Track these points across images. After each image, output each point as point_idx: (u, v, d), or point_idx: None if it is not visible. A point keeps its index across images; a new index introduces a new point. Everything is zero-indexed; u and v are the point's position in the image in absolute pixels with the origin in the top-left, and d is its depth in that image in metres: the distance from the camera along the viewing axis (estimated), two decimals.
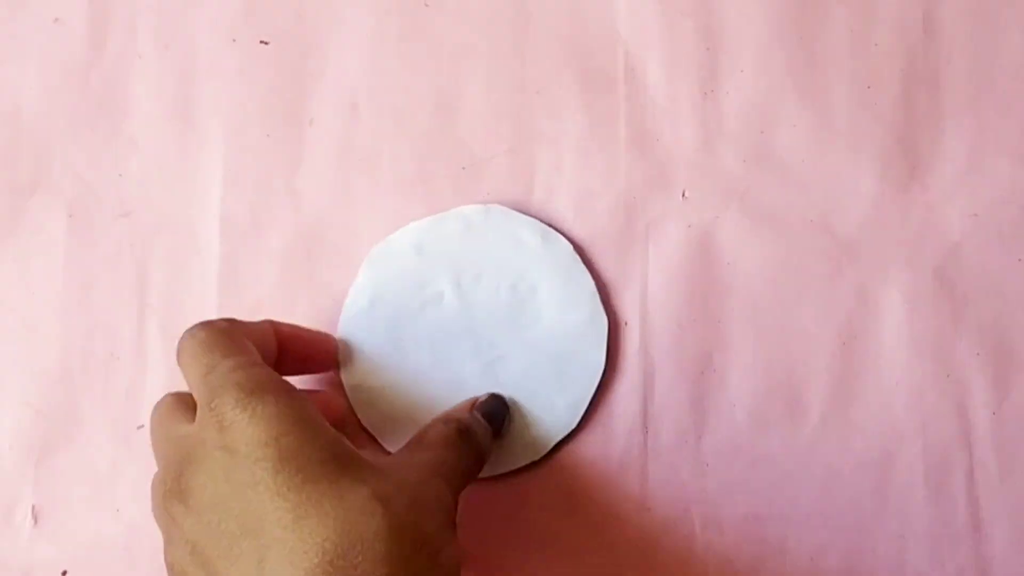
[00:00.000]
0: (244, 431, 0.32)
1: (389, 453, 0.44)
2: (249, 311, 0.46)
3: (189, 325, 0.45)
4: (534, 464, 0.45)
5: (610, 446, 0.46)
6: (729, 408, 0.46)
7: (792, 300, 0.46)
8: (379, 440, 0.45)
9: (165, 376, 0.47)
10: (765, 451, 0.45)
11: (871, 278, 0.46)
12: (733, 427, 0.46)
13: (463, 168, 0.47)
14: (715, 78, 0.47)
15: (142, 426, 0.46)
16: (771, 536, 0.45)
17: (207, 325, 0.37)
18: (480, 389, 0.45)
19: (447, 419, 0.40)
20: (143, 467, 0.46)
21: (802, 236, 0.46)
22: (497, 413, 0.43)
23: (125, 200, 0.47)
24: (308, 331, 0.43)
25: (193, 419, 0.35)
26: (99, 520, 0.46)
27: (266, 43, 0.48)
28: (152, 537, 0.43)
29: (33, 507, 0.46)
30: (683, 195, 0.47)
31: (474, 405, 0.43)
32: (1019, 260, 0.46)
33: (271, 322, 0.41)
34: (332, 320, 0.46)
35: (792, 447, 0.45)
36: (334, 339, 0.44)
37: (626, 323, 0.46)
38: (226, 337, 0.36)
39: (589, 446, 0.46)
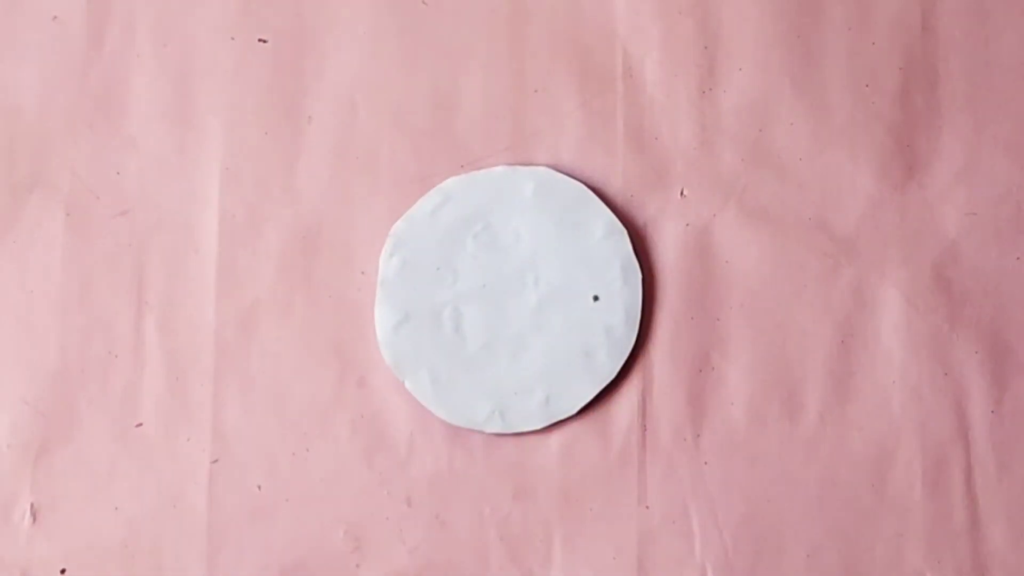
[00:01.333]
0: None
1: None
2: (247, 309, 0.46)
3: (186, 323, 0.46)
4: (531, 462, 0.45)
5: (608, 444, 0.46)
6: (727, 406, 0.46)
7: (790, 298, 0.46)
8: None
9: (163, 374, 0.46)
10: (763, 449, 0.45)
11: (869, 276, 0.46)
12: (731, 425, 0.45)
13: (461, 166, 0.47)
14: (713, 76, 0.47)
15: (140, 424, 0.46)
16: (769, 534, 0.45)
17: None
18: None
19: None
20: (141, 466, 0.46)
21: (800, 234, 0.46)
22: None
23: (123, 198, 0.47)
24: None
25: None
26: (97, 518, 0.45)
27: (264, 41, 0.48)
28: (150, 535, 0.45)
29: (31, 505, 0.45)
30: (681, 193, 0.47)
31: None
32: (1016, 259, 0.46)
33: None
34: (329, 318, 0.46)
35: (790, 445, 0.45)
36: None
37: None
38: None
39: (587, 444, 0.46)
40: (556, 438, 0.45)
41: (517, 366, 0.44)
